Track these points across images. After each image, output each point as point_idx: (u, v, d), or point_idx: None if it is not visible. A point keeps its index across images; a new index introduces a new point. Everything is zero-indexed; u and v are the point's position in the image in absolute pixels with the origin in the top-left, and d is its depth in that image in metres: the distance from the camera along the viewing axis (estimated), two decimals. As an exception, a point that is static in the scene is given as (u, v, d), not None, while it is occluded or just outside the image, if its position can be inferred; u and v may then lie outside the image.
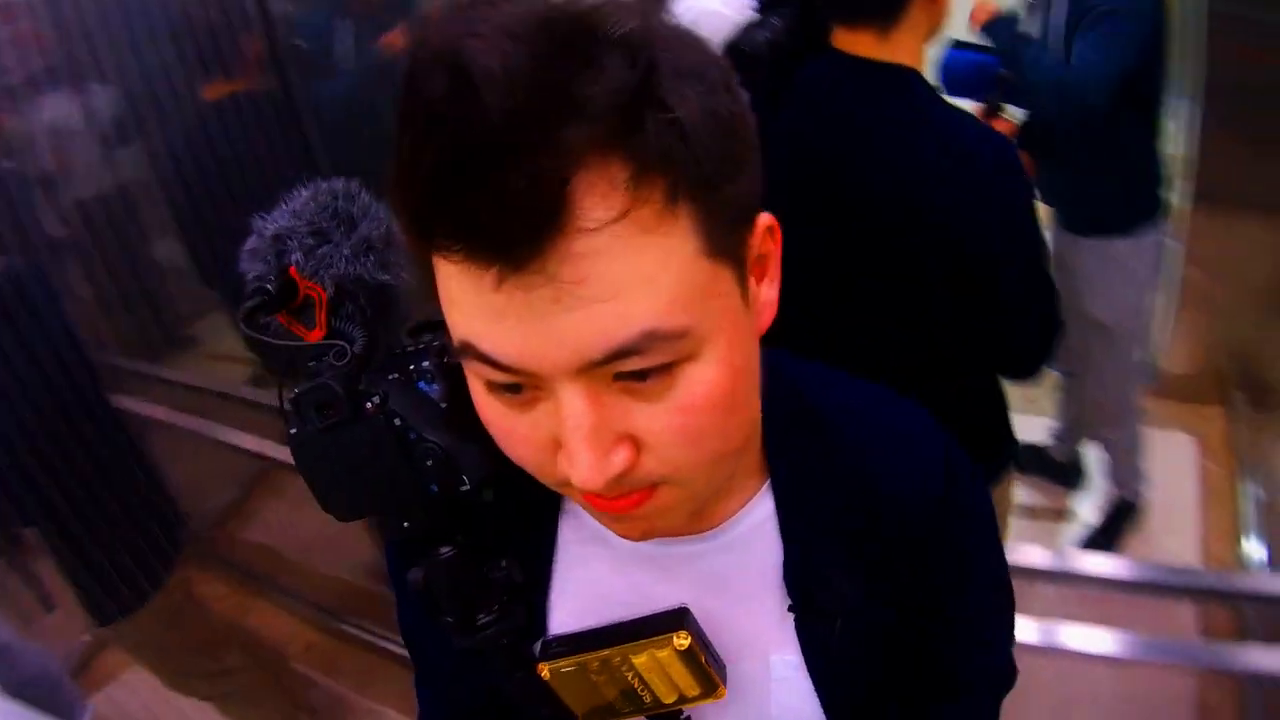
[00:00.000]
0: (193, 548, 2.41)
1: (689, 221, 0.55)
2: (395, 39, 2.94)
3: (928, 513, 0.81)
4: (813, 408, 0.81)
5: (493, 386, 0.60)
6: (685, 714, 0.81)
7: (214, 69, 2.52)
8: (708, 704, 0.78)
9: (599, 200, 0.52)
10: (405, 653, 0.95)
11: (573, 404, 0.58)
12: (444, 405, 0.74)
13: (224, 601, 2.98)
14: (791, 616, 0.79)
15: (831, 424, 0.81)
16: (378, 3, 3.08)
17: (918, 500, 0.81)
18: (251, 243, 0.76)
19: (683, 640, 0.75)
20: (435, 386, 0.75)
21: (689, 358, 0.58)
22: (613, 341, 0.55)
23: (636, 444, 0.60)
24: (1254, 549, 2.68)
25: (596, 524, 0.79)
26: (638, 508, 0.64)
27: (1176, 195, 2.71)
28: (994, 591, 0.91)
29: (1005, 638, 0.94)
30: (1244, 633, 2.32)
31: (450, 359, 0.73)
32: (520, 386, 0.59)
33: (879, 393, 0.86)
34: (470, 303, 0.56)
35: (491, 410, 0.63)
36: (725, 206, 0.58)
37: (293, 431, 0.75)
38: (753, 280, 0.64)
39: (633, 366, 0.57)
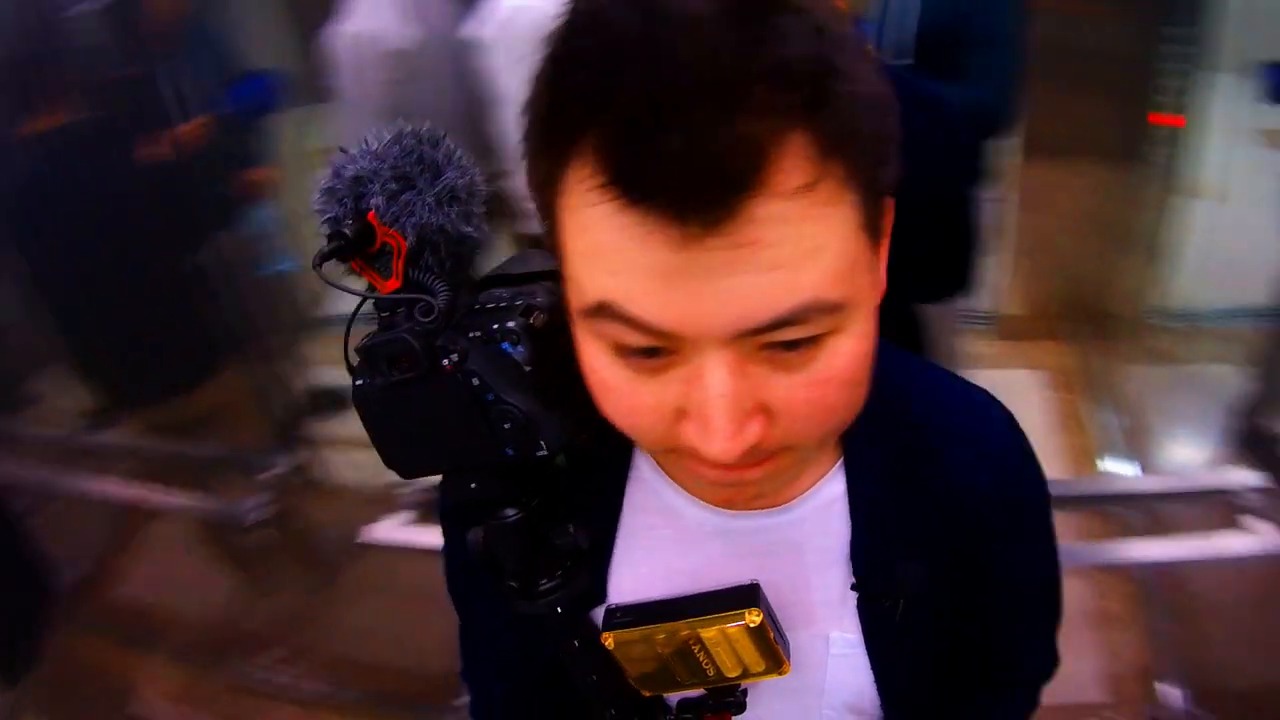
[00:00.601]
0: (69, 608, 2.35)
1: (855, 196, 0.55)
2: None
3: (997, 508, 0.82)
4: (891, 392, 0.77)
5: (623, 350, 0.58)
6: (743, 687, 0.81)
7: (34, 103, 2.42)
8: (770, 679, 0.78)
9: (794, 167, 0.51)
10: (293, 694, 0.93)
11: (716, 373, 0.56)
12: (528, 369, 0.69)
13: (109, 660, 2.89)
14: (854, 595, 0.79)
15: (909, 410, 0.81)
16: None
17: (988, 495, 0.81)
18: (327, 180, 0.68)
19: (755, 618, 0.74)
20: (520, 349, 0.70)
21: (837, 330, 0.57)
22: (778, 309, 0.54)
23: (770, 415, 0.59)
24: (1116, 469, 2.87)
25: (663, 493, 0.79)
26: (753, 475, 0.63)
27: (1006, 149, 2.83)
28: (1049, 589, 0.92)
29: (1054, 630, 0.95)
30: (1127, 532, 2.43)
31: (538, 320, 0.69)
32: (657, 350, 0.57)
33: (957, 382, 0.86)
34: (631, 260, 0.53)
35: (612, 374, 0.60)
36: (880, 184, 0.58)
37: (358, 383, 0.70)
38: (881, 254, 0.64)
39: (789, 336, 0.56)
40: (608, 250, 0.54)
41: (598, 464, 0.80)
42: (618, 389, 0.61)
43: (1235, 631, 2.28)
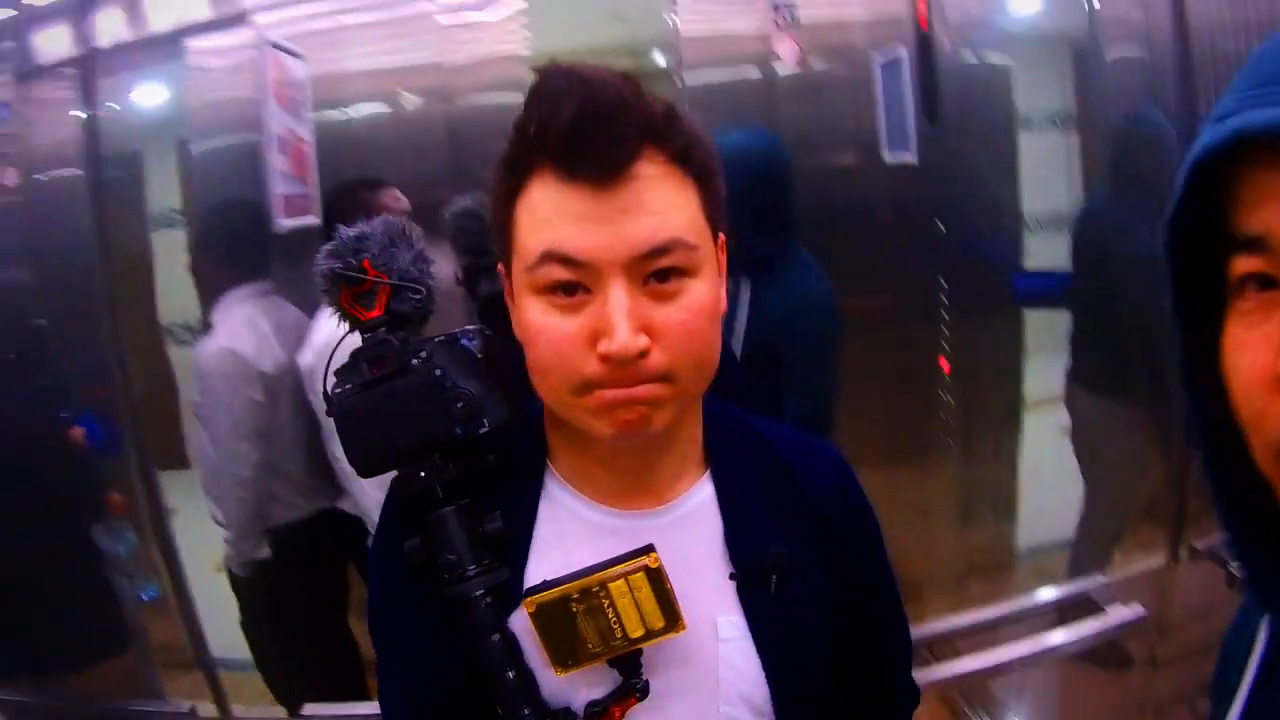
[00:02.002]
0: None
1: (695, 191, 0.91)
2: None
3: (835, 499, 1.07)
4: (747, 425, 1.09)
5: (552, 292, 0.87)
6: (641, 654, 0.93)
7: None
8: (669, 640, 0.92)
9: (654, 158, 0.87)
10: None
11: (617, 293, 0.85)
12: (480, 357, 0.98)
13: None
14: (734, 584, 0.99)
15: (762, 438, 1.08)
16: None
17: (827, 489, 1.07)
18: (332, 243, 1.00)
19: (654, 561, 0.90)
20: (475, 342, 0.99)
21: (694, 273, 0.89)
22: (656, 239, 0.86)
23: (653, 335, 0.86)
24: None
25: (569, 503, 1.01)
26: (643, 393, 0.87)
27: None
28: (896, 605, 1.15)
29: (910, 660, 1.19)
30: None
31: (485, 332, 1.01)
32: (575, 288, 0.86)
33: (798, 428, 1.16)
34: (565, 213, 0.85)
35: (544, 318, 0.88)
36: (712, 195, 0.93)
37: (337, 391, 0.97)
38: (720, 259, 0.95)
39: (662, 263, 0.86)
40: (550, 214, 0.86)
41: (522, 473, 1.02)
42: (548, 328, 0.88)
43: None
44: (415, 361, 0.96)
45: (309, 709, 2.17)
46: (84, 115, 2.67)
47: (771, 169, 2.47)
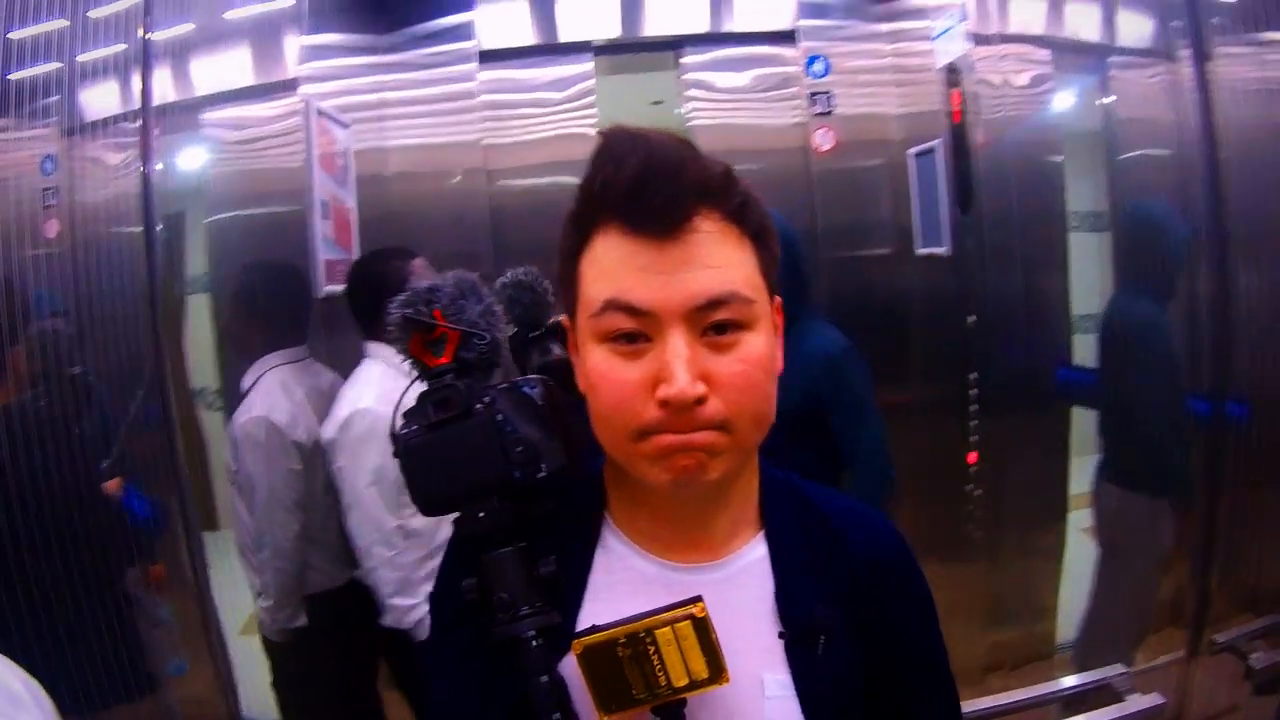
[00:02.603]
0: None
1: (752, 252, 0.95)
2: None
3: (885, 571, 1.07)
4: (802, 490, 1.10)
5: (615, 340, 0.91)
6: (685, 705, 0.93)
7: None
8: (712, 691, 0.91)
9: (711, 216, 0.92)
10: None
11: (676, 341, 0.89)
12: (541, 404, 1.02)
13: None
14: (781, 642, 0.99)
15: (816, 504, 1.09)
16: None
17: (877, 560, 1.07)
18: (405, 295, 1.06)
19: (700, 611, 0.91)
20: (537, 390, 1.03)
21: (750, 326, 0.92)
22: (714, 291, 0.89)
23: (711, 384, 0.89)
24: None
25: (624, 554, 1.03)
26: (700, 440, 0.90)
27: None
28: (947, 679, 1.13)
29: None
30: None
31: (547, 382, 1.04)
32: (636, 337, 0.90)
33: (853, 498, 1.16)
34: (627, 264, 0.90)
35: (606, 363, 0.92)
36: (767, 254, 0.97)
37: (403, 432, 1.01)
38: (776, 319, 0.99)
39: (720, 315, 0.90)
40: (613, 265, 0.91)
41: (579, 522, 1.05)
42: (610, 374, 0.91)
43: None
44: (479, 406, 1.00)
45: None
46: (139, 172, 2.69)
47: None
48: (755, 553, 1.04)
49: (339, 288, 2.77)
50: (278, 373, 2.67)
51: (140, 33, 2.73)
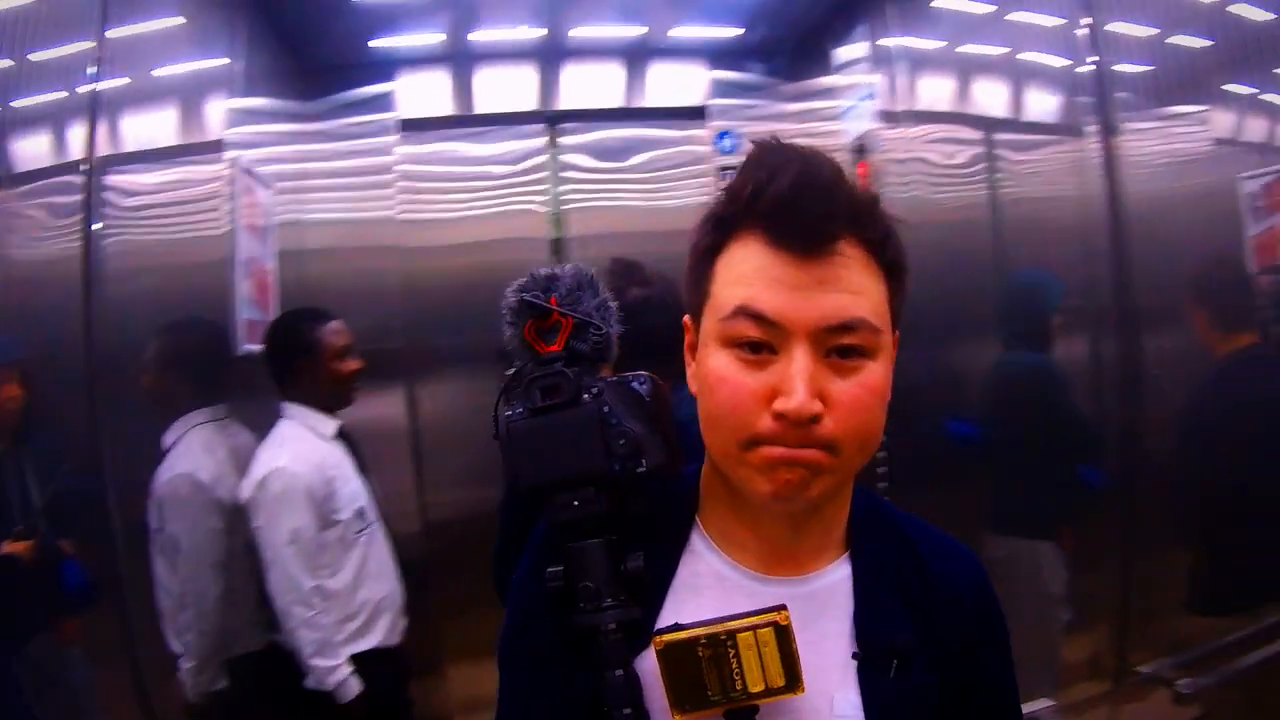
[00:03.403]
0: None
1: (885, 281, 0.95)
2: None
3: (968, 604, 1.08)
4: (892, 516, 1.11)
5: (739, 347, 0.92)
6: (757, 711, 0.94)
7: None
8: (786, 700, 0.92)
9: (853, 244, 0.92)
10: None
11: (801, 356, 0.90)
12: (648, 400, 1.03)
13: None
14: (855, 663, 1.00)
15: (905, 531, 1.09)
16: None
17: (961, 593, 1.08)
18: (521, 282, 1.06)
19: (784, 618, 0.91)
20: (645, 387, 1.03)
21: (873, 354, 0.93)
22: (844, 315, 0.90)
23: (826, 405, 0.90)
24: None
25: (711, 560, 1.04)
26: (807, 456, 0.91)
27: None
28: (1016, 704, 1.14)
29: None
30: None
31: (657, 379, 1.04)
32: (761, 346, 0.91)
33: (941, 530, 1.15)
34: (765, 274, 0.91)
35: (729, 368, 0.92)
36: (899, 288, 0.98)
37: (507, 414, 1.01)
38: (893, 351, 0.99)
39: (847, 340, 0.91)
40: (750, 272, 0.92)
41: (668, 526, 1.06)
42: (732, 379, 0.92)
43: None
44: (586, 396, 1.00)
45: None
46: (78, 228, 2.68)
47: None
48: (839, 573, 1.04)
49: (258, 347, 2.79)
50: (200, 431, 2.68)
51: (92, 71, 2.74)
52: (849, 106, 3.28)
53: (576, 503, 1.00)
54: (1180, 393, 3.13)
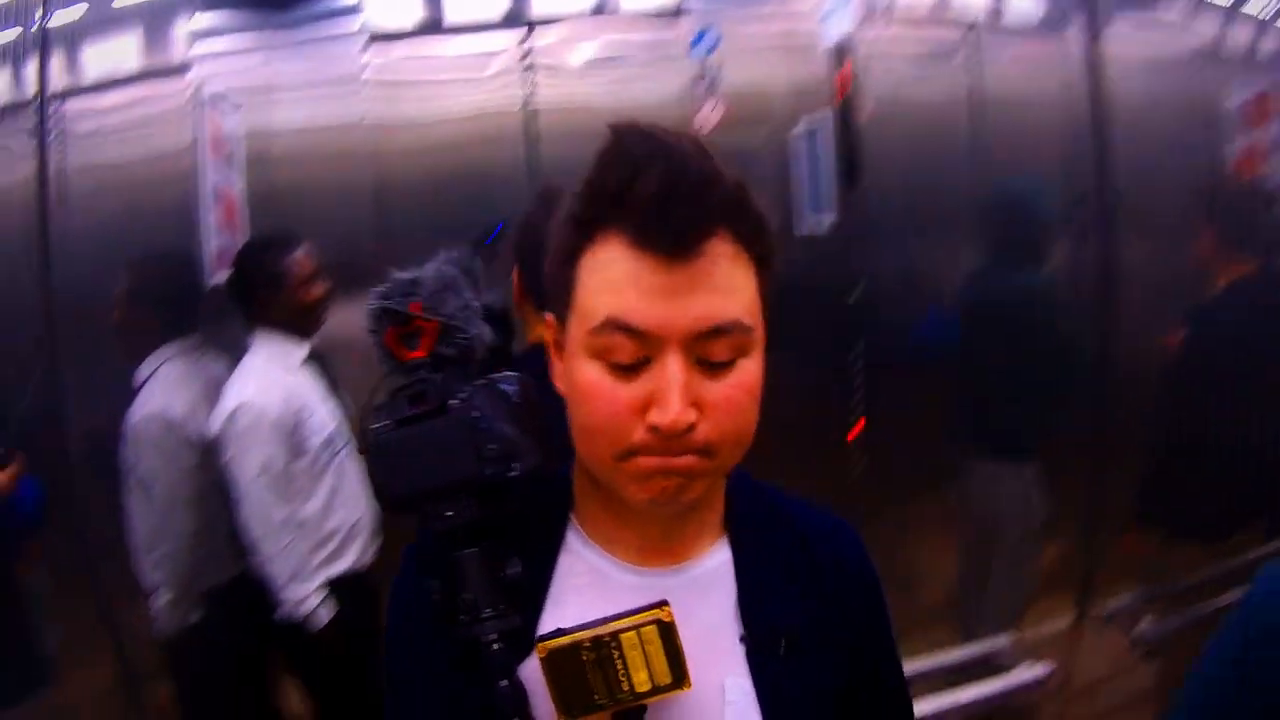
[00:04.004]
0: None
1: (755, 278, 0.90)
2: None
3: (850, 574, 1.08)
4: (766, 496, 1.09)
5: (612, 361, 0.87)
6: (645, 711, 0.92)
7: None
8: (674, 696, 0.90)
9: (725, 240, 0.87)
10: None
11: (674, 367, 0.86)
12: (517, 402, 1.01)
13: None
14: (744, 647, 0.99)
15: (780, 508, 1.08)
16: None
17: (842, 562, 1.07)
18: (381, 288, 1.04)
19: (667, 614, 0.89)
20: (514, 387, 1.02)
21: (746, 352, 0.89)
22: (718, 319, 0.86)
23: (700, 410, 0.87)
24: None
25: (589, 557, 1.02)
26: (682, 464, 0.88)
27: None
28: (901, 672, 1.16)
29: None
30: None
31: (524, 379, 1.03)
32: (634, 365, 0.87)
33: (815, 504, 1.14)
34: (633, 281, 0.85)
35: (601, 382, 0.88)
36: (769, 278, 0.93)
37: (373, 426, 0.98)
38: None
39: (719, 343, 0.87)
40: (618, 279, 0.86)
41: (542, 526, 1.04)
42: (604, 393, 0.88)
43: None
44: (454, 402, 0.98)
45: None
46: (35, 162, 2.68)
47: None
48: (719, 557, 1.03)
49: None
50: (173, 365, 2.70)
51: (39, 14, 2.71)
52: (830, 8, 3.11)
53: (450, 513, 0.97)
54: (1156, 309, 3.03)
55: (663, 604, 0.91)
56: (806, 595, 1.03)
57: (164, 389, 2.65)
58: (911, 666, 2.58)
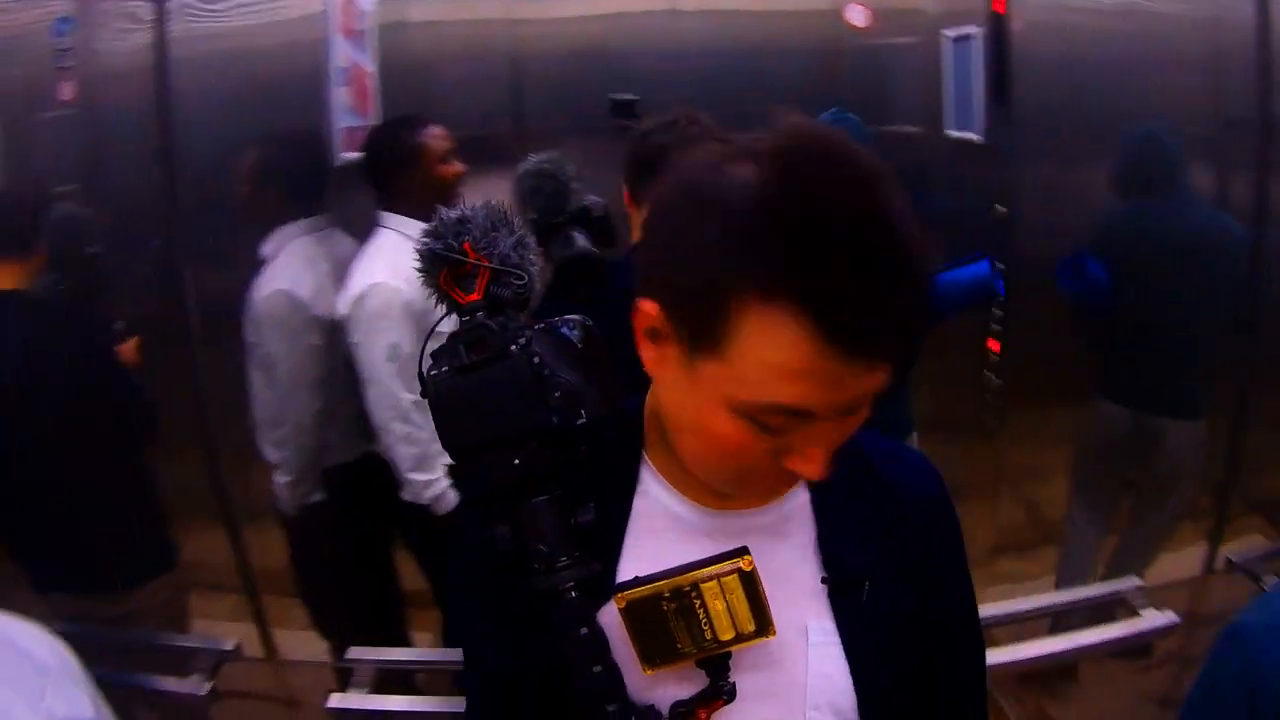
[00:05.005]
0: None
1: None
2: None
3: (929, 510, 1.06)
4: None
5: (760, 423, 0.82)
6: (730, 657, 0.92)
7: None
8: (758, 644, 0.90)
9: None
10: None
11: (828, 432, 0.83)
12: (580, 347, 0.95)
13: None
14: (825, 589, 0.98)
15: (856, 445, 0.98)
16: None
17: (920, 500, 1.06)
18: (432, 224, 0.98)
19: (747, 564, 0.88)
20: (576, 332, 0.96)
21: None
22: (875, 390, 0.81)
23: None
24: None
25: (665, 500, 0.99)
26: (787, 482, 0.91)
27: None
28: (975, 609, 1.14)
29: (984, 680, 1.16)
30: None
31: (587, 321, 0.98)
32: (782, 426, 0.82)
33: (889, 438, 1.12)
34: (813, 374, 0.77)
35: (741, 436, 0.83)
36: None
37: (432, 373, 0.93)
38: None
39: (863, 403, 0.83)
40: (795, 369, 0.78)
41: (616, 468, 1.00)
42: (740, 444, 0.84)
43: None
44: (514, 348, 0.92)
45: (354, 652, 2.17)
46: (152, 34, 2.60)
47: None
48: (797, 499, 1.01)
49: (358, 155, 2.70)
50: (300, 244, 2.66)
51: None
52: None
53: (517, 461, 0.92)
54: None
55: (743, 551, 0.89)
56: (887, 534, 1.02)
57: (290, 267, 2.61)
58: (1036, 603, 2.52)
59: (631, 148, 2.03)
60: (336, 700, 2.04)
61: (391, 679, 2.17)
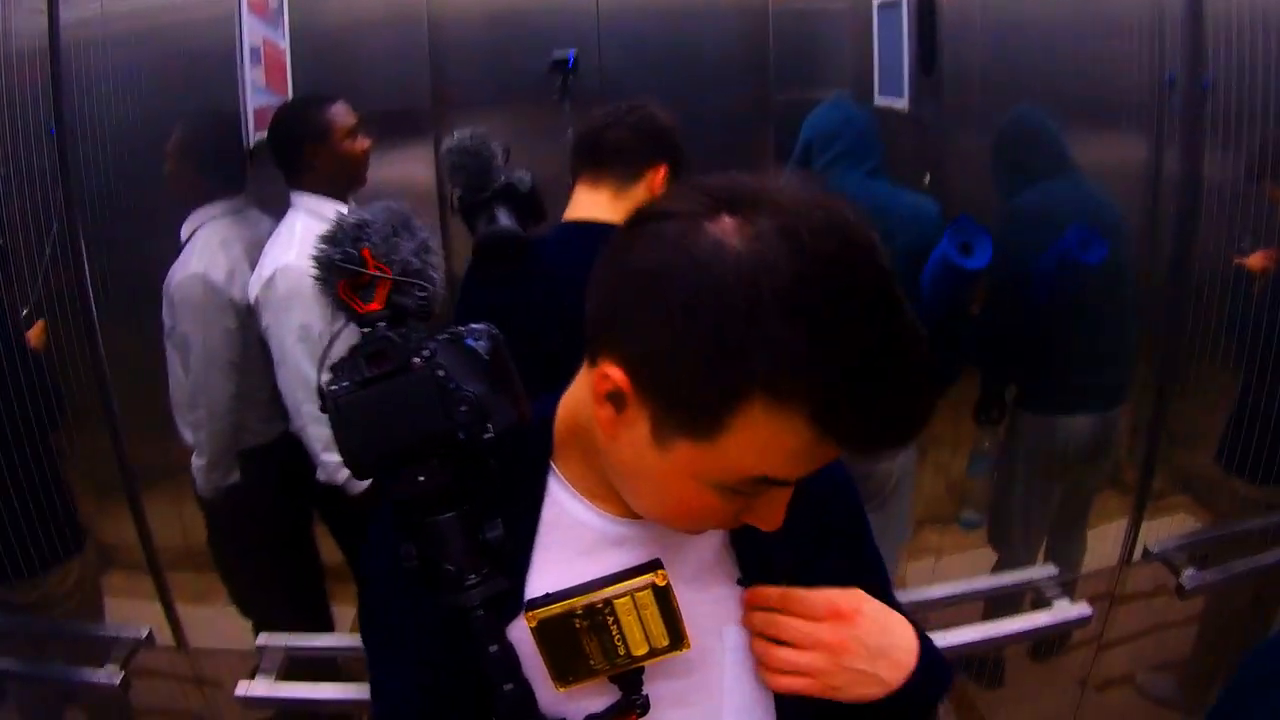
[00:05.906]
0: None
1: None
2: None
3: (837, 501, 1.07)
4: None
5: (730, 490, 0.82)
6: (644, 671, 0.91)
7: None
8: (673, 657, 0.89)
9: None
10: None
11: (789, 493, 0.85)
12: (487, 359, 0.91)
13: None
14: (740, 590, 0.98)
15: None
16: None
17: (827, 491, 1.05)
18: (330, 229, 0.93)
19: (661, 579, 0.88)
20: (483, 343, 0.92)
21: None
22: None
23: None
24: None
25: (574, 509, 0.98)
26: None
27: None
28: (892, 594, 1.12)
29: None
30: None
31: (494, 330, 0.93)
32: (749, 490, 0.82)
33: None
34: (805, 459, 0.78)
35: (706, 500, 0.83)
36: None
37: (332, 388, 0.89)
38: None
39: None
40: (791, 453, 0.77)
41: (523, 481, 0.98)
42: (704, 507, 0.84)
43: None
44: (417, 360, 0.89)
45: (264, 639, 2.19)
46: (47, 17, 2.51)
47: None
48: None
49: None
50: (216, 226, 2.62)
51: None
52: None
53: (421, 477, 0.90)
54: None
55: (656, 565, 0.89)
56: (797, 530, 0.96)
57: (205, 249, 2.58)
58: (948, 589, 2.58)
59: (579, 134, 2.12)
60: (243, 689, 2.05)
61: (310, 664, 2.18)
